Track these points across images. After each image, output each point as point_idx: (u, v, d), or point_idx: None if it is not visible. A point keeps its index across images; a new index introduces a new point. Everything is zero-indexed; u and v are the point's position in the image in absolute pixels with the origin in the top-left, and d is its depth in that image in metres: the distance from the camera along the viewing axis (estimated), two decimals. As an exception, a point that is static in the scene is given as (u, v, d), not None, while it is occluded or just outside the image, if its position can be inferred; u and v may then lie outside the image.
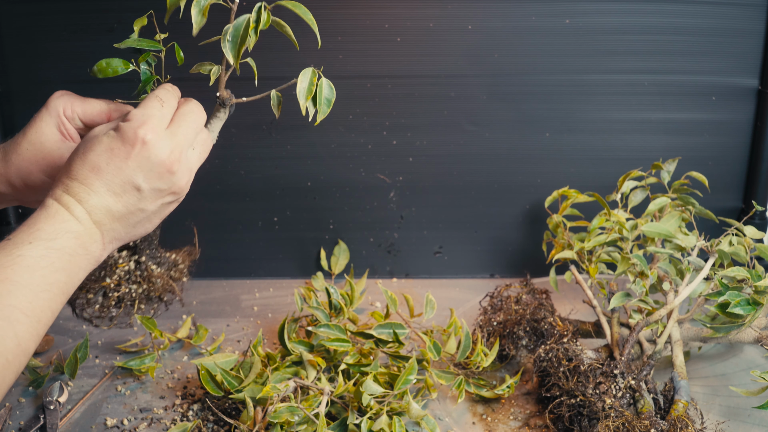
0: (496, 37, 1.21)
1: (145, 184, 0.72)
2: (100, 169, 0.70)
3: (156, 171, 0.72)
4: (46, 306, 0.65)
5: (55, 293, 0.66)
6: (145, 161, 0.71)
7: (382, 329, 1.01)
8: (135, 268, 0.95)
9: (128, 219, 0.73)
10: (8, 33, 1.20)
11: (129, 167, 0.71)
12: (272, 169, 1.28)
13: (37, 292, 0.64)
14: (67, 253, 0.68)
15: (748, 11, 1.19)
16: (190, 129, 0.76)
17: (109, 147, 0.71)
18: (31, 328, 0.64)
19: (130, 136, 0.71)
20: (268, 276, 1.34)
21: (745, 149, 1.27)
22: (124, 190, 0.71)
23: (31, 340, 0.64)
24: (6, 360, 0.61)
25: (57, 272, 0.66)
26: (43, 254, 0.66)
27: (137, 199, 0.72)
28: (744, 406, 0.95)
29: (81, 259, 0.69)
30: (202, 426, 0.92)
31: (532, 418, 0.96)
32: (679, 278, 1.00)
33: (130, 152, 0.71)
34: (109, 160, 0.70)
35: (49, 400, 0.96)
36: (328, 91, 0.83)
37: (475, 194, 1.30)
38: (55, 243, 0.67)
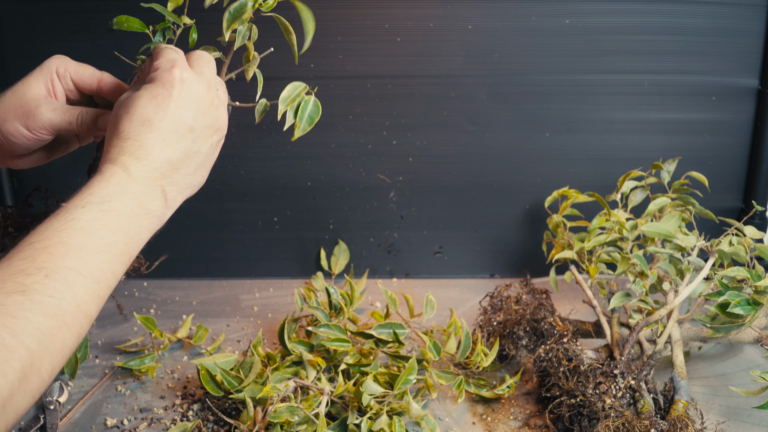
0: (496, 37, 1.21)
1: (195, 122, 0.72)
2: (151, 120, 0.70)
3: (201, 107, 0.73)
4: (105, 267, 0.64)
5: (115, 254, 0.65)
6: (189, 98, 0.72)
7: (382, 329, 1.01)
8: None
9: (187, 166, 0.73)
10: (8, 33, 1.20)
11: (178, 108, 0.71)
12: (272, 169, 1.28)
13: (93, 254, 0.63)
14: (124, 214, 0.67)
15: (748, 11, 1.19)
16: (210, 68, 0.77)
17: (152, 95, 0.71)
18: (90, 289, 0.62)
19: (167, 79, 0.71)
20: (268, 276, 1.35)
21: (745, 149, 1.27)
22: (178, 134, 0.71)
23: (91, 301, 0.63)
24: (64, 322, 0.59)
25: (114, 233, 0.65)
26: (98, 216, 0.65)
27: (191, 141, 0.72)
28: (744, 406, 0.95)
29: (141, 219, 0.68)
30: (202, 426, 0.92)
31: (532, 418, 0.96)
32: (679, 278, 1.00)
33: (172, 93, 0.71)
34: (156, 109, 0.70)
35: (49, 400, 0.96)
36: (313, 110, 0.83)
37: (475, 194, 1.30)
38: (110, 205, 0.66)
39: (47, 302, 0.58)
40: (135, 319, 1.19)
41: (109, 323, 1.19)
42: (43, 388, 0.58)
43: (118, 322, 1.19)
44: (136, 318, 1.10)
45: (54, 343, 0.58)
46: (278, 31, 1.21)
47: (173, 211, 0.73)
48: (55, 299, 0.59)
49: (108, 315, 1.22)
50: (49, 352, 0.58)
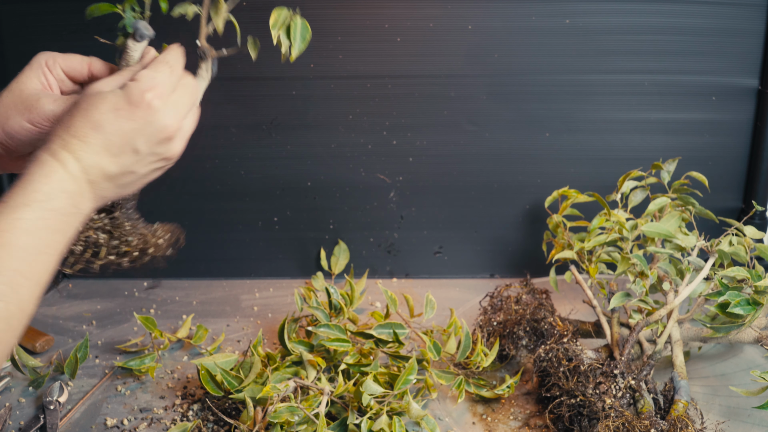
0: (496, 37, 1.21)
1: (144, 147, 0.72)
2: (103, 127, 0.70)
3: (157, 137, 0.72)
4: (44, 268, 0.66)
5: (51, 254, 0.67)
6: (149, 126, 0.71)
7: (382, 329, 1.01)
8: (107, 222, 0.94)
9: (119, 179, 0.73)
10: (8, 33, 1.20)
11: (132, 129, 0.71)
12: (272, 169, 1.28)
13: (36, 255, 0.65)
14: (63, 214, 0.68)
15: (748, 11, 1.19)
16: (189, 100, 0.77)
17: (114, 106, 0.70)
18: (32, 291, 0.64)
19: (137, 98, 0.71)
20: (268, 276, 1.35)
21: (745, 149, 1.27)
22: (122, 151, 0.71)
23: (31, 302, 0.64)
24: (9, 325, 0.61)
25: (54, 233, 0.67)
26: (41, 216, 0.66)
27: (132, 162, 0.72)
28: (744, 406, 0.95)
29: (73, 218, 0.69)
30: (202, 426, 0.92)
31: (532, 418, 0.96)
32: (679, 278, 1.00)
33: (135, 114, 0.70)
34: (112, 120, 0.70)
35: (49, 400, 0.96)
36: (303, 28, 0.82)
37: (475, 194, 1.30)
38: (52, 204, 0.67)
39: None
40: (135, 319, 1.20)
41: (109, 323, 1.19)
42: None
43: (118, 322, 1.19)
44: (136, 318, 1.10)
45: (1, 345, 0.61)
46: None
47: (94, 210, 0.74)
48: (3, 303, 0.61)
49: (108, 315, 1.22)
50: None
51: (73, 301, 1.27)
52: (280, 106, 1.24)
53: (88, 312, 1.23)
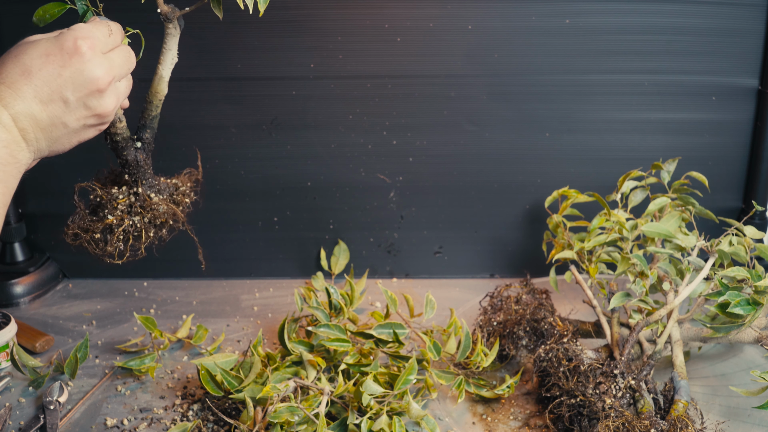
0: (496, 37, 1.21)
1: (73, 96, 0.71)
2: (32, 73, 0.69)
3: (87, 87, 0.72)
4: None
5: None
6: (79, 74, 0.71)
7: (382, 329, 1.01)
8: (135, 200, 0.95)
9: (51, 131, 0.71)
10: (8, 33, 1.20)
11: (61, 76, 0.70)
12: (272, 169, 1.28)
13: None
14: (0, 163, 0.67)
15: (748, 11, 1.19)
16: (124, 63, 0.76)
17: (45, 52, 0.70)
18: None
19: (69, 44, 0.70)
20: (268, 276, 1.35)
21: (745, 149, 1.27)
22: (52, 99, 0.70)
23: None
24: None
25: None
26: None
27: (62, 112, 0.71)
28: (744, 406, 0.95)
29: (12, 168, 0.68)
30: (202, 426, 0.92)
31: (532, 418, 0.96)
32: (679, 278, 1.00)
33: (66, 61, 0.70)
34: (42, 66, 0.69)
35: (49, 400, 0.96)
36: None
37: (475, 194, 1.30)
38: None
39: None
40: (135, 319, 1.20)
41: (109, 323, 1.19)
42: None
43: (118, 322, 1.19)
44: (136, 318, 1.10)
45: None
46: (277, 32, 1.22)
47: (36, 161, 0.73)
48: None
49: (108, 315, 1.22)
50: None
51: (73, 301, 1.27)
52: (280, 106, 1.24)
53: (88, 312, 1.23)
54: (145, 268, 1.33)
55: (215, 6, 0.81)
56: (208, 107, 1.24)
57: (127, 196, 0.94)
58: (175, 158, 1.27)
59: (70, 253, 1.33)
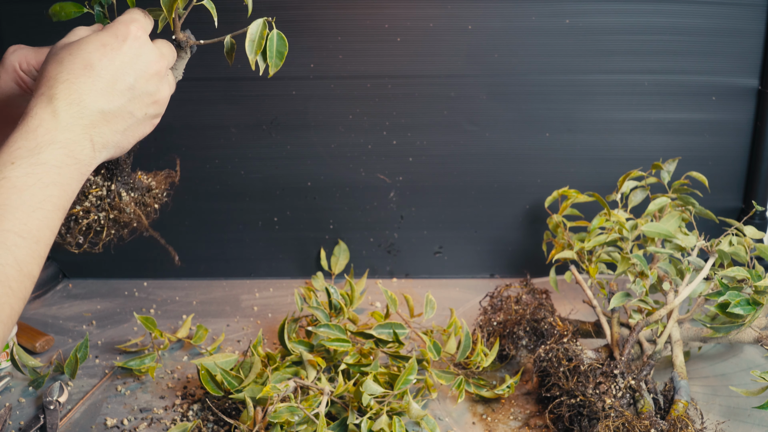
0: (496, 37, 1.21)
1: (136, 82, 0.71)
2: (93, 65, 0.68)
3: (146, 70, 0.71)
4: (42, 225, 0.63)
5: (50, 210, 0.64)
6: (137, 58, 0.70)
7: (382, 329, 1.01)
8: (106, 195, 0.94)
9: (117, 122, 0.70)
10: (8, 33, 1.20)
11: (122, 62, 0.69)
12: (272, 169, 1.28)
13: (29, 212, 0.62)
14: (55, 166, 0.65)
15: (748, 11, 1.19)
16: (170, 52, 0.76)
17: (101, 42, 0.69)
18: (31, 250, 0.61)
19: (122, 31, 0.70)
20: (268, 276, 1.35)
21: (745, 149, 1.27)
22: (116, 87, 0.69)
23: (33, 262, 0.61)
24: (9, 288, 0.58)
25: (47, 188, 0.64)
26: (28, 172, 0.63)
27: (128, 99, 0.70)
28: (744, 406, 0.95)
29: (71, 169, 0.66)
30: (202, 426, 0.92)
31: (532, 418, 0.96)
32: (679, 278, 1.00)
33: (122, 46, 0.69)
34: (102, 56, 0.69)
35: (49, 400, 0.96)
36: (279, 43, 0.79)
37: (475, 194, 1.30)
38: (39, 158, 0.64)
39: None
40: (135, 319, 1.20)
41: (109, 323, 1.19)
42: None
43: (118, 322, 1.19)
44: (136, 318, 1.10)
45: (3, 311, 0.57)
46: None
47: (101, 161, 0.71)
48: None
49: (108, 315, 1.22)
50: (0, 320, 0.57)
51: (73, 301, 1.27)
52: (280, 106, 1.24)
53: (88, 312, 1.23)
54: (145, 268, 1.33)
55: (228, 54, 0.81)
56: (208, 107, 1.24)
57: (100, 187, 0.93)
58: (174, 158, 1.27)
59: (70, 253, 1.32)
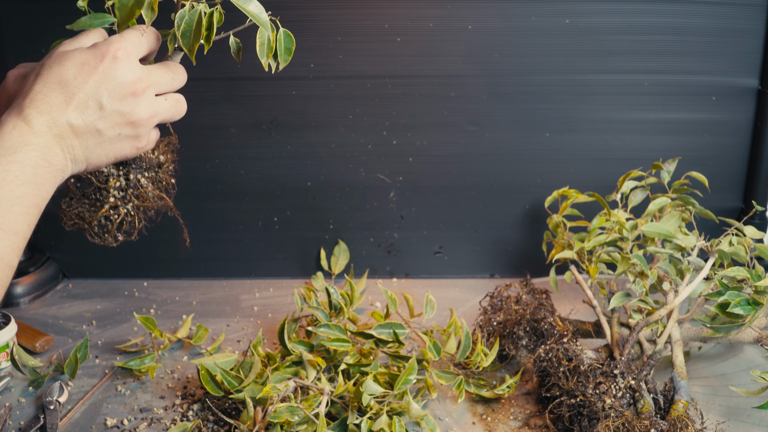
0: (496, 37, 1.21)
1: (107, 101, 0.72)
2: (67, 82, 0.71)
3: (119, 91, 0.73)
4: (20, 219, 0.67)
5: (27, 206, 0.68)
6: (112, 78, 0.72)
7: (382, 329, 1.01)
8: (126, 185, 0.95)
9: (86, 138, 0.73)
10: (8, 33, 1.20)
11: (95, 80, 0.72)
12: (272, 169, 1.28)
13: (8, 207, 0.66)
14: (30, 165, 0.68)
15: (748, 11, 1.19)
16: (166, 76, 0.77)
17: (80, 61, 0.72)
18: (10, 241, 0.66)
19: (102, 50, 0.73)
20: (268, 276, 1.35)
21: (745, 149, 1.27)
22: (87, 105, 0.72)
23: (12, 253, 0.66)
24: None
25: (23, 185, 0.68)
26: (6, 169, 0.67)
27: (97, 117, 0.73)
28: (744, 406, 0.95)
29: (45, 171, 0.70)
30: (202, 426, 0.92)
31: (532, 418, 0.96)
32: (679, 278, 1.00)
33: (98, 66, 0.72)
34: (77, 74, 0.72)
35: (49, 400, 0.96)
36: (287, 41, 0.82)
37: (475, 194, 1.30)
38: (15, 157, 0.68)
39: None
40: (135, 319, 1.20)
41: (109, 323, 1.19)
42: None
43: (118, 322, 1.19)
44: (136, 318, 1.10)
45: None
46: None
47: (72, 173, 0.74)
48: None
49: (108, 315, 1.22)
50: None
51: (73, 301, 1.27)
52: (280, 106, 1.24)
53: (88, 312, 1.23)
54: (145, 268, 1.33)
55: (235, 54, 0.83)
56: (208, 107, 1.24)
57: (117, 177, 0.94)
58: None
59: (70, 253, 1.33)
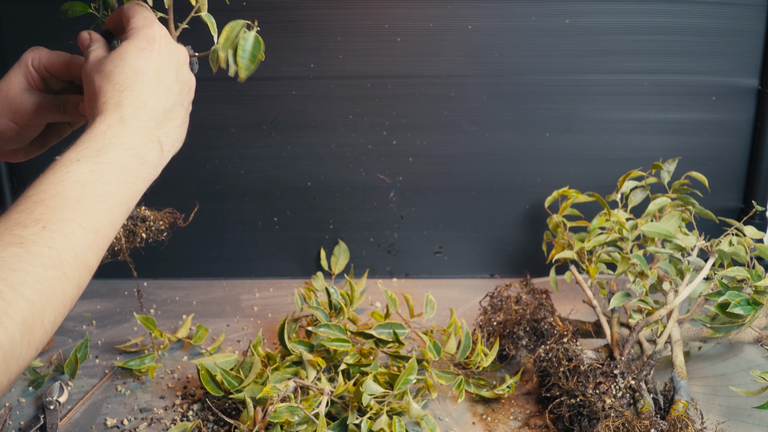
0: (496, 37, 1.21)
1: (178, 75, 0.75)
2: (143, 70, 0.72)
3: (179, 62, 0.75)
4: (103, 218, 0.65)
5: (112, 204, 0.66)
6: (170, 53, 0.74)
7: (382, 329, 1.01)
8: None
9: (176, 116, 0.74)
10: (8, 33, 1.20)
11: (161, 60, 0.73)
12: (272, 169, 1.28)
13: (90, 205, 0.64)
14: (120, 165, 0.67)
15: (748, 11, 1.19)
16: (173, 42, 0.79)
17: (138, 48, 0.73)
18: (89, 239, 0.63)
19: (150, 34, 0.73)
20: (268, 276, 1.35)
21: (745, 149, 1.27)
22: (166, 85, 0.73)
23: (90, 251, 0.63)
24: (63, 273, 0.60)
25: (109, 184, 0.66)
26: (93, 169, 0.65)
27: (177, 93, 0.74)
28: (744, 406, 0.95)
29: (137, 169, 0.69)
30: (202, 426, 0.92)
31: (532, 418, 0.96)
32: (679, 278, 1.00)
33: (154, 47, 0.73)
34: (146, 60, 0.72)
35: (49, 400, 0.96)
36: (254, 46, 0.77)
37: (475, 194, 1.30)
38: (105, 157, 0.67)
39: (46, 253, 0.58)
40: (135, 319, 1.20)
41: (109, 323, 1.19)
42: (46, 339, 0.58)
43: (118, 322, 1.19)
44: (136, 318, 1.10)
45: (55, 294, 0.59)
46: (278, 32, 1.22)
47: (167, 161, 0.74)
48: (54, 250, 0.59)
49: (108, 315, 1.22)
50: (51, 304, 0.58)
51: (73, 301, 1.27)
52: (280, 106, 1.24)
53: (88, 312, 1.23)
54: (145, 268, 1.33)
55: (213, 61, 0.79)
56: (208, 107, 1.24)
57: None
58: (174, 158, 1.26)
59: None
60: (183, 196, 1.29)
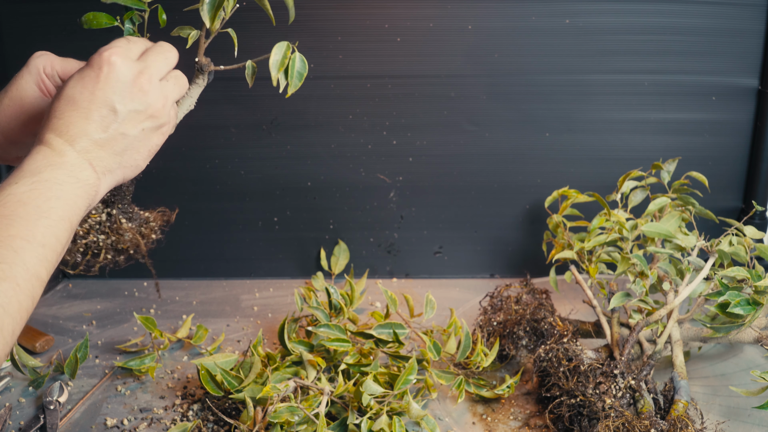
0: (496, 37, 1.21)
1: (119, 105, 0.74)
2: (75, 99, 0.73)
3: (127, 90, 0.74)
4: (47, 232, 0.68)
5: (55, 219, 0.69)
6: (115, 81, 0.74)
7: (382, 329, 1.01)
8: (106, 220, 0.96)
9: (112, 145, 0.74)
10: (8, 33, 1.20)
11: (100, 89, 0.73)
12: (272, 169, 1.28)
13: (34, 221, 0.67)
14: (56, 183, 0.70)
15: (748, 11, 1.19)
16: (159, 59, 0.78)
17: (80, 76, 0.74)
18: (36, 252, 0.67)
19: (96, 60, 0.74)
20: (268, 276, 1.35)
21: (745, 149, 1.27)
22: (101, 114, 0.73)
23: (39, 264, 0.67)
24: (17, 284, 0.64)
25: (50, 200, 0.69)
26: (31, 188, 0.68)
27: (116, 123, 0.74)
28: (744, 406, 0.95)
29: (73, 186, 0.71)
30: (202, 426, 0.92)
31: (532, 418, 0.96)
32: (679, 278, 1.00)
33: (99, 75, 0.73)
34: (82, 89, 0.73)
35: (49, 400, 0.96)
36: (300, 65, 0.84)
37: (475, 194, 1.30)
38: (41, 176, 0.69)
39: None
40: (135, 319, 1.20)
41: (109, 323, 1.19)
42: (7, 350, 0.63)
43: (118, 322, 1.19)
44: (136, 318, 1.10)
45: (11, 305, 0.63)
46: (279, 31, 1.21)
47: (109, 183, 0.75)
48: (6, 264, 0.64)
49: (108, 315, 1.22)
50: (9, 314, 0.62)
51: (73, 301, 1.27)
52: (280, 106, 1.25)
53: (88, 312, 1.23)
54: (145, 268, 1.33)
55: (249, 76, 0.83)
56: (208, 107, 1.24)
57: (100, 213, 0.95)
58: (174, 158, 1.27)
59: (70, 253, 1.33)
60: (183, 196, 1.29)
